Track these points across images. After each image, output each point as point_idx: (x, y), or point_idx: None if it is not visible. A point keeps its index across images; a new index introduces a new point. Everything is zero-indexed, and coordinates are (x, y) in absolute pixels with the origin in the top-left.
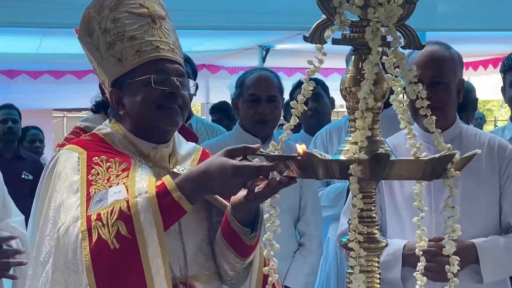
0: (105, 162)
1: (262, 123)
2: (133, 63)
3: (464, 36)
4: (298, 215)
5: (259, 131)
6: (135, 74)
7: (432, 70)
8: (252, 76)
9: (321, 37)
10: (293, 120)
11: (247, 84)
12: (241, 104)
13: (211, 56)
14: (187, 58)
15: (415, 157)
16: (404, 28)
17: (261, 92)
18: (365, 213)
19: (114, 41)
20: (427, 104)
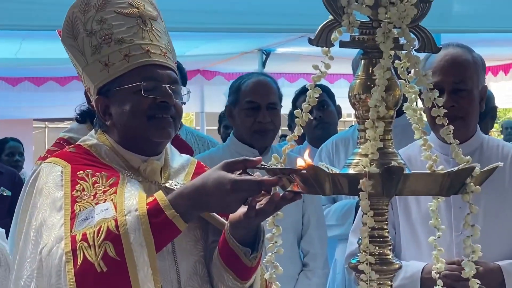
0: (91, 176)
1: (262, 133)
2: (121, 68)
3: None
4: (301, 232)
5: (258, 142)
6: (123, 81)
7: (454, 75)
8: (249, 82)
9: (328, 39)
10: (297, 130)
11: (244, 90)
12: (237, 112)
13: (206, 60)
14: None
15: (431, 170)
16: (418, 29)
17: (260, 99)
18: (376, 232)
19: (100, 44)
20: (448, 113)
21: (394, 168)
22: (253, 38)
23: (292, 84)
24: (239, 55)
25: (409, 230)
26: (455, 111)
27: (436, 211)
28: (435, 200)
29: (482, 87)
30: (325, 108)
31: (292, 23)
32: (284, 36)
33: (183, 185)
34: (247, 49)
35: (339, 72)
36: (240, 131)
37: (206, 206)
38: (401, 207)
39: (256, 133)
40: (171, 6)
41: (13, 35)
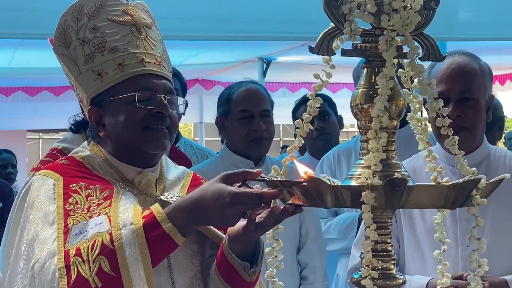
0: (84, 189)
1: (258, 142)
2: (115, 78)
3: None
4: (299, 244)
5: (254, 151)
6: (117, 91)
7: (461, 85)
8: (240, 91)
9: (329, 47)
10: (297, 141)
11: (236, 100)
12: (230, 122)
13: (205, 70)
14: (175, 72)
15: (436, 182)
16: (422, 37)
17: (253, 107)
18: (379, 246)
19: (93, 53)
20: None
21: (397, 180)
22: (253, 47)
23: (293, 94)
24: (239, 64)
25: (414, 243)
26: (461, 121)
27: (441, 224)
28: (440, 213)
29: (489, 96)
30: (326, 118)
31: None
32: (285, 45)
33: (181, 198)
34: (247, 58)
35: (341, 81)
36: (234, 142)
37: (205, 220)
38: (405, 220)
39: (252, 142)
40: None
41: (6, 43)
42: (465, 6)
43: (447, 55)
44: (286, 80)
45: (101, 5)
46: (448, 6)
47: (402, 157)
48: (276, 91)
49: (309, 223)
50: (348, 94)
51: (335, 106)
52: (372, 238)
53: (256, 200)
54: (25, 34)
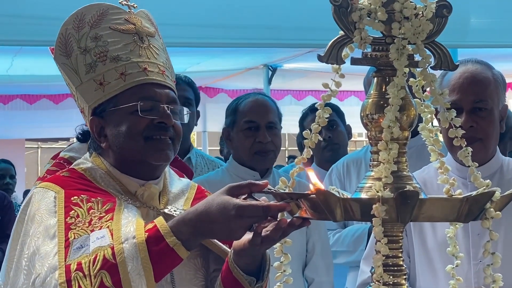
0: (86, 202)
1: (263, 154)
2: (117, 88)
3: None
4: (305, 260)
5: (258, 163)
6: (119, 101)
7: (473, 94)
8: (247, 101)
9: (338, 56)
10: (306, 152)
11: (242, 111)
12: (236, 133)
13: (209, 77)
14: (188, 82)
15: (448, 195)
16: (434, 45)
17: (259, 118)
18: (390, 261)
19: (95, 62)
20: (466, 134)
21: (409, 192)
22: (259, 53)
23: (300, 102)
24: (243, 71)
25: (425, 258)
26: (474, 132)
27: (454, 238)
28: (453, 227)
29: (502, 106)
30: (334, 128)
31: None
32: (292, 51)
33: (185, 211)
34: (252, 65)
35: (349, 89)
36: (239, 153)
37: (210, 233)
38: (416, 233)
39: (256, 155)
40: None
41: (4, 50)
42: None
43: (460, 64)
44: (292, 87)
45: (103, 13)
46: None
47: (413, 167)
48: (282, 99)
49: (316, 238)
50: (356, 102)
51: (343, 115)
52: (383, 252)
53: (262, 213)
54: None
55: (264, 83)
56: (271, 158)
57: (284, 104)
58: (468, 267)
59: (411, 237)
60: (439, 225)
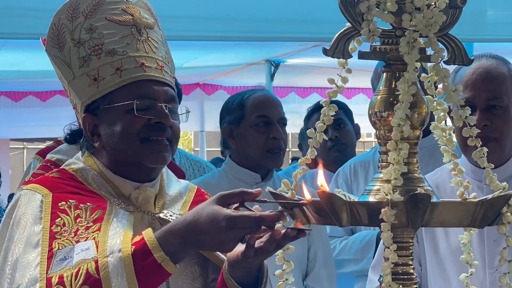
0: (74, 209)
1: (276, 152)
2: (112, 84)
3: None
4: (306, 269)
5: (270, 163)
6: (114, 98)
7: (488, 91)
8: (255, 96)
9: (345, 50)
10: (310, 153)
11: (252, 105)
12: (244, 130)
13: (207, 73)
14: None
15: (462, 198)
16: (448, 38)
17: (272, 113)
18: (400, 269)
19: (89, 55)
20: (480, 133)
21: (420, 195)
22: (260, 48)
23: (304, 100)
24: (244, 67)
25: (437, 266)
26: (489, 131)
27: (468, 245)
28: (467, 232)
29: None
30: (341, 128)
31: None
32: (295, 46)
33: (174, 221)
34: (253, 60)
35: (357, 86)
36: (245, 152)
37: (199, 245)
38: (427, 240)
39: (268, 153)
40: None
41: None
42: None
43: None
44: (296, 84)
45: (99, 2)
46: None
47: (425, 169)
48: (285, 97)
49: (318, 246)
50: (364, 100)
51: (351, 113)
52: (392, 259)
53: (254, 224)
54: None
55: (266, 79)
56: (282, 157)
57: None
58: (483, 276)
59: (423, 244)
60: (452, 230)
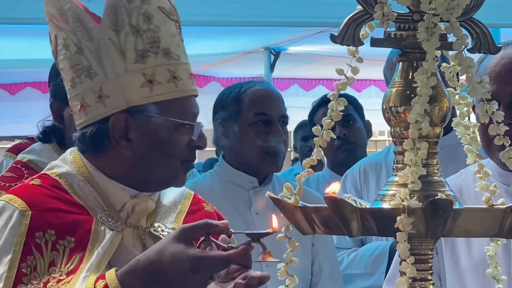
0: (51, 249)
1: (276, 155)
2: (167, 93)
3: None
4: (310, 284)
5: (267, 167)
6: (166, 109)
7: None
8: (254, 90)
9: (356, 36)
10: (316, 153)
11: (250, 100)
12: (241, 128)
13: (199, 63)
14: None
15: (489, 204)
16: (472, 23)
17: (272, 110)
18: (418, 284)
19: (147, 51)
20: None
21: (440, 201)
22: (258, 34)
23: (308, 93)
24: (240, 56)
25: (457, 280)
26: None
27: (495, 257)
28: (494, 243)
29: None
30: (350, 124)
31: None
32: (299, 32)
33: (137, 258)
34: (251, 48)
35: (368, 78)
36: (241, 153)
37: (164, 286)
38: (447, 251)
39: (267, 155)
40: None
41: None
42: None
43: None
44: (299, 75)
45: None
46: None
47: (445, 171)
48: (287, 89)
49: (323, 258)
50: (376, 93)
51: (362, 109)
52: (409, 274)
53: (221, 265)
54: None
55: (265, 70)
56: (283, 159)
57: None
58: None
59: (442, 256)
60: (476, 241)
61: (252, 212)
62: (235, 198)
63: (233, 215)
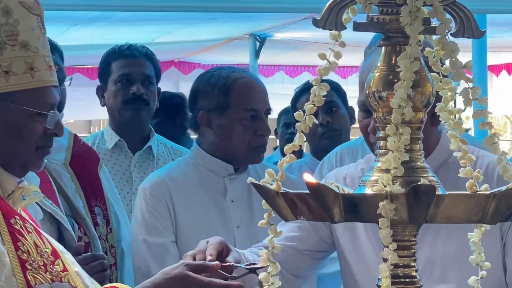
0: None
1: (261, 150)
2: (23, 83)
3: None
4: None
5: (253, 159)
6: (21, 99)
7: None
8: (243, 83)
9: (338, 20)
10: (298, 138)
11: (240, 95)
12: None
13: (183, 49)
14: (148, 54)
15: (472, 190)
16: (456, 7)
17: (261, 105)
18: (401, 271)
19: (4, 43)
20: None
21: (423, 187)
22: (243, 20)
23: (294, 80)
24: (225, 42)
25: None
26: None
27: (479, 244)
28: (478, 230)
29: None
30: (334, 111)
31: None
32: (284, 18)
33: None
34: (236, 34)
35: (353, 64)
36: (224, 145)
37: None
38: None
39: (253, 149)
40: None
41: None
42: None
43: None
44: (285, 62)
45: None
46: None
47: None
48: (272, 76)
49: None
50: None
51: (345, 95)
52: (391, 260)
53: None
54: None
55: (250, 56)
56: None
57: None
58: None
59: None
60: None
61: (228, 199)
62: (210, 185)
63: (207, 203)
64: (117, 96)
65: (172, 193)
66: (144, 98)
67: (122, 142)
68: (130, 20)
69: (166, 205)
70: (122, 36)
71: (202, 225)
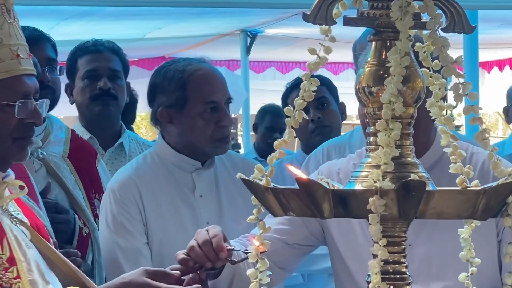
0: None
1: (226, 141)
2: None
3: None
4: None
5: (218, 151)
6: None
7: None
8: (199, 75)
9: (328, 15)
10: (288, 134)
11: (197, 88)
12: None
13: (173, 45)
14: (114, 49)
15: (462, 186)
16: (446, 2)
17: (220, 95)
18: (391, 267)
19: None
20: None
21: (414, 183)
22: (234, 16)
23: (285, 76)
24: (215, 38)
25: None
26: None
27: (469, 240)
28: (468, 225)
29: None
30: (325, 107)
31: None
32: (275, 14)
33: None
34: (227, 30)
35: (345, 61)
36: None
37: None
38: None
39: (217, 141)
40: None
41: None
42: None
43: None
44: (276, 58)
45: None
46: None
47: None
48: (263, 72)
49: None
50: (353, 76)
51: (337, 91)
52: (381, 256)
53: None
54: None
55: (241, 52)
56: (229, 144)
57: (266, 78)
58: None
59: None
60: None
61: (196, 195)
62: (177, 181)
63: (176, 199)
64: (84, 92)
65: (142, 192)
66: (112, 93)
67: (93, 139)
68: (120, 15)
69: (137, 206)
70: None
71: (172, 223)
